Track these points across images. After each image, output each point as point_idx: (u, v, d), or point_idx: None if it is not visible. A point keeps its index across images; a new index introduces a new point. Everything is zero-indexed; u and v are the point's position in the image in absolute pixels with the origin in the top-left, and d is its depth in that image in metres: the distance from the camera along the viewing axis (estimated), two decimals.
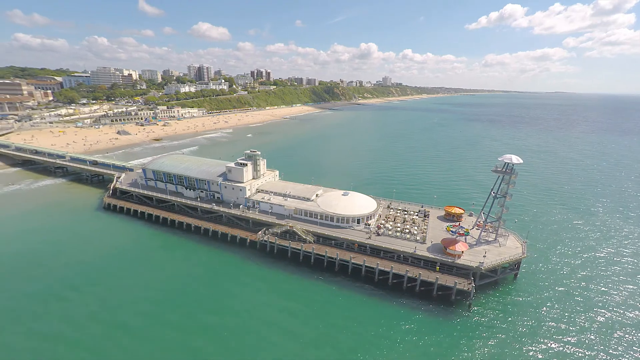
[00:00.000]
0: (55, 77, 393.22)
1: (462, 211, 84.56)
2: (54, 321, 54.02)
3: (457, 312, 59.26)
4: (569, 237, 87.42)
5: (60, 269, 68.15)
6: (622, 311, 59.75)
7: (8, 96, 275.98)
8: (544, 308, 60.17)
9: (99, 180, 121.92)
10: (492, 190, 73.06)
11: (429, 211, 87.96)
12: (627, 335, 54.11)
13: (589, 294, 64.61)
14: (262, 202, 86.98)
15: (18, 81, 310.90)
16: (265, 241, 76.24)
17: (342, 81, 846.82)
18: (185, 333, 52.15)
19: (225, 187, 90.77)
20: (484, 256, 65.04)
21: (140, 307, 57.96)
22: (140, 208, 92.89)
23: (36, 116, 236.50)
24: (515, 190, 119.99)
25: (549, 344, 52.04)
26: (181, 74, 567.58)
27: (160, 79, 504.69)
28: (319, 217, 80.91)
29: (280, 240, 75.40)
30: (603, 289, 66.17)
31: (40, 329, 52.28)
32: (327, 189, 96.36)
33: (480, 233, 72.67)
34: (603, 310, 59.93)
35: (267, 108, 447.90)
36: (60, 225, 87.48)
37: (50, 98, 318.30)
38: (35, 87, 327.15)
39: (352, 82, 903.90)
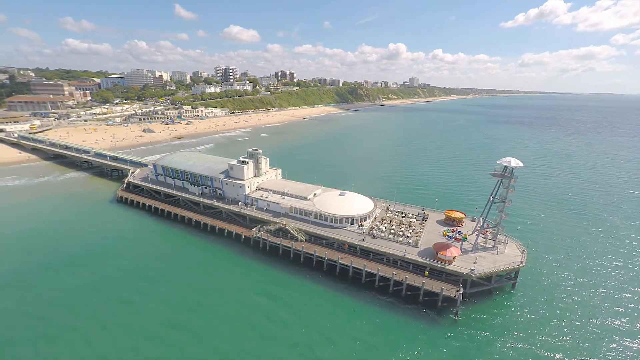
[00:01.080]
0: (95, 79, 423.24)
1: (462, 216, 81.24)
2: (56, 287, 62.51)
3: (441, 319, 57.07)
4: (578, 250, 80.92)
5: (65, 246, 77.01)
6: (630, 344, 52.29)
7: (51, 96, 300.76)
8: (538, 327, 55.30)
9: (118, 175, 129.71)
10: (491, 194, 69.76)
11: (428, 214, 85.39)
12: None
13: (591, 318, 57.48)
14: (260, 199, 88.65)
15: (61, 82, 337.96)
16: (259, 238, 77.65)
17: (366, 82, 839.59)
18: (173, 308, 57.97)
19: (227, 183, 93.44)
20: (474, 263, 62.20)
21: (132, 283, 64.87)
22: (148, 202, 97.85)
23: (73, 114, 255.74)
24: (522, 196, 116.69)
25: None
26: (209, 75, 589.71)
27: (189, 80, 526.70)
28: (313, 216, 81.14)
29: (272, 237, 76.47)
30: (609, 317, 57.69)
31: (47, 295, 60.02)
32: (326, 188, 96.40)
33: (477, 239, 69.59)
34: (605, 342, 52.32)
35: (288, 108, 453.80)
36: (75, 213, 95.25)
37: (89, 98, 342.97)
38: (76, 88, 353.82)
39: (376, 83, 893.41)
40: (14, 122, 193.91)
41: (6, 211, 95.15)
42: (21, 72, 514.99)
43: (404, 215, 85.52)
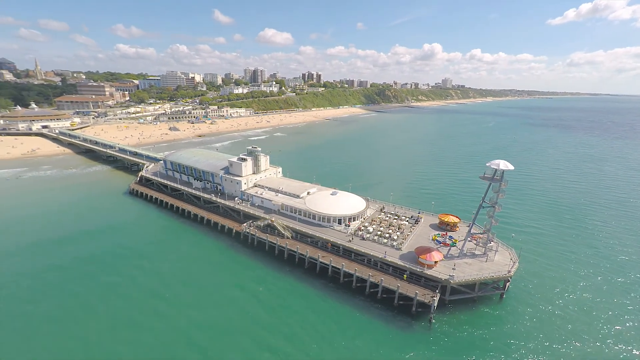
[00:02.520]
0: (134, 80, 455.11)
1: (457, 220, 77.72)
2: (60, 254, 73.88)
3: (415, 325, 55.10)
4: (578, 265, 73.55)
5: (71, 226, 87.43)
6: None
7: (93, 96, 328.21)
8: (518, 343, 51.19)
9: (137, 169, 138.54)
10: (483, 199, 66.12)
11: (422, 217, 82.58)
12: None
13: (575, 341, 51.69)
14: (255, 196, 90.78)
15: (103, 84, 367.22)
16: (248, 233, 79.60)
17: (395, 83, 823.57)
18: (153, 288, 63.66)
19: (226, 179, 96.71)
20: (453, 269, 59.32)
21: (120, 257, 74.07)
22: (155, 194, 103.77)
23: (110, 113, 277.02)
24: (530, 203, 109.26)
25: None
26: (239, 77, 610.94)
27: (220, 82, 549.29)
28: (302, 214, 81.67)
29: (260, 233, 78.06)
30: (594, 345, 51.48)
31: (54, 262, 70.80)
32: (322, 187, 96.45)
33: (464, 244, 66.29)
34: None
35: (312, 109, 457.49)
36: (89, 201, 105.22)
37: (127, 98, 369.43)
38: (116, 89, 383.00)
39: (406, 84, 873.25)
40: (57, 119, 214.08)
41: (34, 194, 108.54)
42: (74, 74, 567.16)
43: (396, 217, 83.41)
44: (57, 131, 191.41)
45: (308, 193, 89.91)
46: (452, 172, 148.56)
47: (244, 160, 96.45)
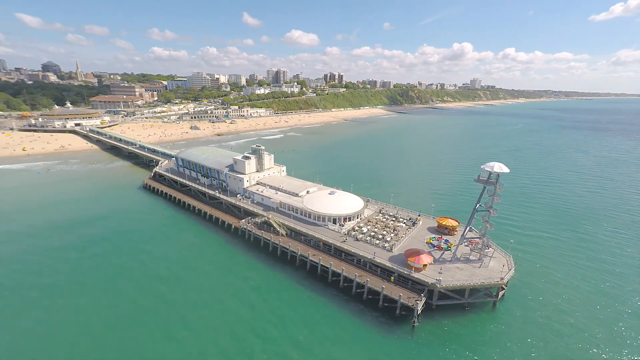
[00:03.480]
0: (163, 81, 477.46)
1: (456, 224, 75.34)
2: (74, 236, 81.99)
3: (397, 329, 54.15)
4: (582, 278, 68.57)
5: (84, 213, 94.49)
6: None
7: (124, 96, 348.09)
8: (502, 356, 48.86)
9: (154, 165, 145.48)
10: (477, 202, 63.76)
11: (420, 220, 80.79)
12: None
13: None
14: (255, 193, 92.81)
15: (133, 85, 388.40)
16: (245, 229, 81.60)
17: (420, 84, 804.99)
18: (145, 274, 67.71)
19: (230, 177, 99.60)
20: (439, 272, 57.66)
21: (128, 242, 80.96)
22: (165, 189, 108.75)
23: (138, 112, 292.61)
24: (533, 209, 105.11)
25: None
26: (263, 78, 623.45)
27: (244, 82, 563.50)
28: (299, 212, 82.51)
29: (257, 229, 79.76)
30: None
31: (69, 243, 78.85)
32: (323, 187, 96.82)
33: (457, 249, 64.24)
34: None
35: (332, 110, 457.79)
36: (104, 193, 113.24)
37: (155, 98, 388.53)
38: (146, 90, 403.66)
39: (431, 84, 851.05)
40: (89, 117, 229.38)
41: (58, 184, 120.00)
42: (111, 76, 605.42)
43: (394, 219, 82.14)
44: (87, 129, 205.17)
45: (307, 192, 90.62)
46: (463, 174, 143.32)
47: (247, 158, 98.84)
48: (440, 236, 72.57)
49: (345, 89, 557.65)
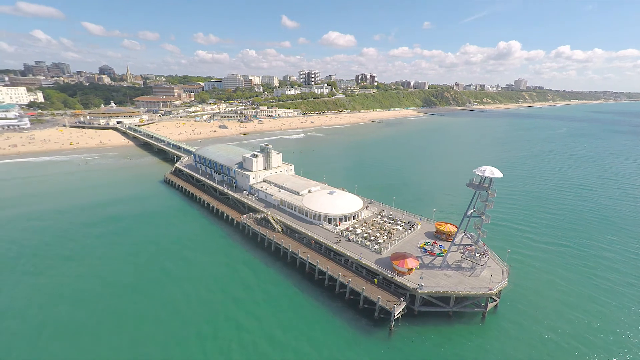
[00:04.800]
0: (200, 83, 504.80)
1: (454, 229, 72.12)
2: (93, 216, 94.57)
3: (375, 332, 53.34)
4: (586, 297, 62.41)
5: (105, 198, 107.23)
6: None
7: (164, 97, 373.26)
8: None
9: (177, 160, 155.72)
10: (468, 208, 60.86)
11: (419, 224, 78.48)
12: None
13: None
14: (260, 190, 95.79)
15: (173, 86, 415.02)
16: (245, 224, 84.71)
17: (457, 85, 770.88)
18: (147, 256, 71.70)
19: (238, 173, 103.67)
20: (420, 277, 55.79)
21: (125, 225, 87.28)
22: (182, 183, 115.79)
23: (174, 112, 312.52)
24: (546, 218, 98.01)
25: None
26: (296, 79, 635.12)
27: (276, 84, 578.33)
28: (297, 210, 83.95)
29: (255, 225, 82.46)
30: None
31: (87, 221, 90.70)
32: (327, 187, 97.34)
33: (447, 255, 61.74)
34: None
35: (361, 111, 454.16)
36: (127, 185, 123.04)
37: (192, 99, 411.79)
38: (184, 90, 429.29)
39: (470, 85, 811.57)
40: (129, 116, 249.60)
41: (92, 174, 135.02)
42: (157, 78, 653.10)
43: (392, 221, 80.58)
44: (127, 126, 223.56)
45: (309, 191, 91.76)
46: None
47: (255, 156, 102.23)
48: (434, 241, 70.05)
49: (376, 90, 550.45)
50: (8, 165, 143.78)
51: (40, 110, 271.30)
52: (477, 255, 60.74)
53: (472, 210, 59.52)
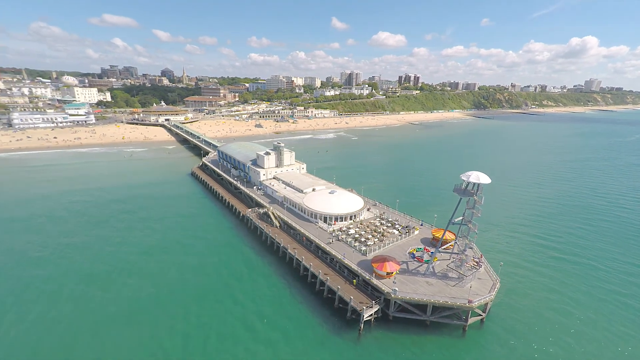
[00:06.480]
0: (245, 84, 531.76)
1: (452, 237, 68.34)
2: (123, 195, 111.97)
3: (345, 333, 52.89)
4: (589, 320, 54.48)
5: (136, 186, 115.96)
6: None
7: (211, 97, 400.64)
8: None
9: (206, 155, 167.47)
10: (453, 215, 57.53)
11: (417, 229, 75.69)
12: None
13: None
14: (268, 186, 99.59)
15: (220, 87, 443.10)
16: (248, 217, 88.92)
17: (513, 86, 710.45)
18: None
19: (251, 170, 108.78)
20: (394, 282, 54.08)
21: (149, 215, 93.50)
22: (204, 177, 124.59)
23: (217, 111, 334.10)
24: (562, 230, 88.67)
25: None
26: (338, 80, 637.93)
27: (318, 85, 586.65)
28: (297, 208, 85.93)
29: (256, 219, 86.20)
30: None
31: (115, 198, 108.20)
32: (333, 186, 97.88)
33: (430, 262, 59.00)
34: None
35: (400, 113, 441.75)
36: (160, 174, 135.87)
37: (236, 99, 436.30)
38: (230, 91, 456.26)
39: (528, 86, 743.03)
40: (176, 114, 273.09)
41: (133, 163, 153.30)
42: (209, 79, 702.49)
43: (390, 224, 78.70)
44: (172, 124, 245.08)
45: (313, 190, 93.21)
46: (507, 185, 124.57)
47: (268, 154, 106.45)
48: (426, 248, 67.11)
49: (419, 92, 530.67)
50: (72, 153, 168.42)
51: (105, 108, 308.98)
52: (464, 265, 57.14)
53: (460, 218, 56.25)
